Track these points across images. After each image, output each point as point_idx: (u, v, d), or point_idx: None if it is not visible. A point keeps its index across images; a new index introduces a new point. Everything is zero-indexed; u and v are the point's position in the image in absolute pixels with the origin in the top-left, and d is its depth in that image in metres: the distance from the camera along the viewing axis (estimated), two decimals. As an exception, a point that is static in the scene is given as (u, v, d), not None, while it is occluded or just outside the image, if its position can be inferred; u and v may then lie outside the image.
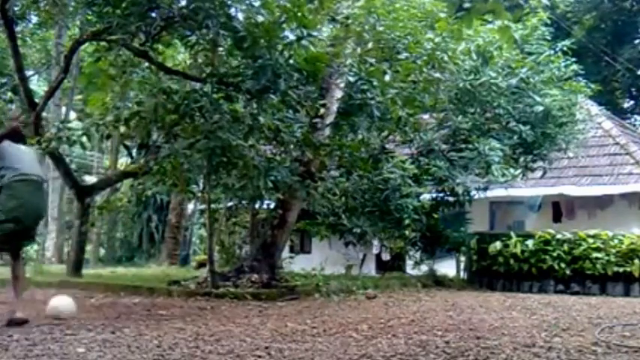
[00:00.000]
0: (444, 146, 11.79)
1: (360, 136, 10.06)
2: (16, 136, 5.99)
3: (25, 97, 11.37)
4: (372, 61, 9.54)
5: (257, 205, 10.86)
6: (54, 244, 22.05)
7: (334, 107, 9.76)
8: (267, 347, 4.59)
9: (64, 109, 20.57)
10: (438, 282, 11.28)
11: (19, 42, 11.73)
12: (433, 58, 10.08)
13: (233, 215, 12.40)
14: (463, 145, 11.32)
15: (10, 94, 23.25)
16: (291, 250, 15.34)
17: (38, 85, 23.49)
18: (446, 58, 10.22)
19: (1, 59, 21.03)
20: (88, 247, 20.31)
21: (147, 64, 9.49)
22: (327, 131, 9.82)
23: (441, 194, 11.82)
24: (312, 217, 11.62)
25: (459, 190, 11.15)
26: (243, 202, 10.98)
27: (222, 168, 8.95)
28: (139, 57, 9.34)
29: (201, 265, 13.39)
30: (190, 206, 20.07)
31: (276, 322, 6.01)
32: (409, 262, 12.94)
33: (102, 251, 24.57)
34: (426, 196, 11.71)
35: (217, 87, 8.62)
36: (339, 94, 9.70)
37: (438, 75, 10.29)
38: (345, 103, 9.63)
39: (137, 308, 7.18)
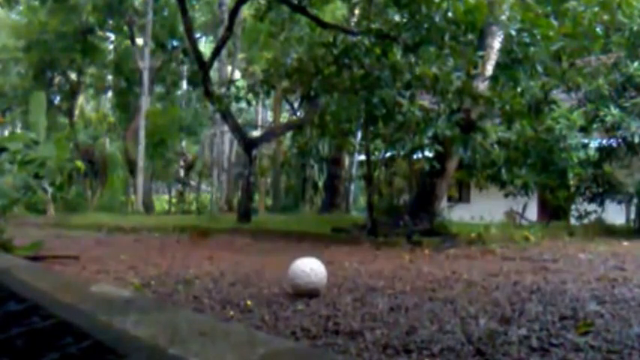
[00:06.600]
0: (614, 93, 11.04)
1: (519, 89, 9.67)
2: None
3: (195, 58, 11.95)
4: (538, 12, 9.13)
5: (415, 156, 10.72)
6: (225, 195, 23.85)
7: (492, 59, 9.54)
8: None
9: (229, 68, 22.02)
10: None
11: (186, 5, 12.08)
12: (606, 8, 9.46)
13: (391, 165, 12.41)
14: (634, 93, 10.64)
15: (181, 55, 26.21)
16: (449, 199, 15.09)
17: (204, 48, 25.54)
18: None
19: (172, 23, 23.79)
20: (257, 197, 21.92)
21: (305, 21, 9.73)
22: (486, 83, 9.62)
23: (611, 141, 11.18)
24: (471, 167, 11.18)
25: (635, 139, 10.42)
26: (402, 152, 10.73)
27: (381, 119, 9.12)
28: (297, 11, 9.61)
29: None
30: (350, 157, 20.61)
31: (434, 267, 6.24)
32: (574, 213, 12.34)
33: (268, 201, 26.21)
34: (593, 144, 11.12)
35: (374, 40, 8.78)
36: (498, 45, 9.47)
37: (606, 17, 9.65)
38: (507, 55, 9.37)
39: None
